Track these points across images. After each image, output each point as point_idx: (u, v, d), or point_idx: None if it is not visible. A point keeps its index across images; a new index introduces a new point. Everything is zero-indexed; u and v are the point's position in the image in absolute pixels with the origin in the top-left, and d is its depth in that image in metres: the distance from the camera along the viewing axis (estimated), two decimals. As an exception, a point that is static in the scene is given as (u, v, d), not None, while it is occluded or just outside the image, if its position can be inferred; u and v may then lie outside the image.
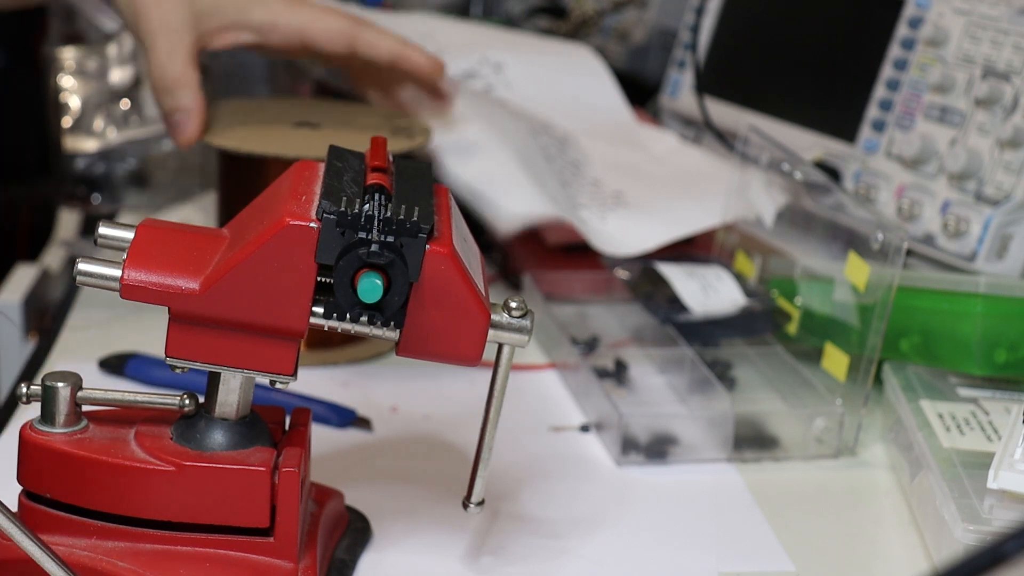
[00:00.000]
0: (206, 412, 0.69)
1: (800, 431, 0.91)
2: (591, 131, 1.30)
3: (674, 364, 0.98)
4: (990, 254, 1.02)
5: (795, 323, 1.00)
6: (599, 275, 1.11)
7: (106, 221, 0.69)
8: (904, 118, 1.11)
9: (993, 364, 0.91)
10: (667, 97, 1.38)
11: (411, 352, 0.66)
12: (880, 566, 0.80)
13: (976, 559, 0.43)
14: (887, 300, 0.89)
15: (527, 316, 0.67)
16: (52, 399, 0.68)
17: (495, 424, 0.70)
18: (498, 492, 0.83)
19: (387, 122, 1.06)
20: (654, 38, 1.53)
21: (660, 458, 0.89)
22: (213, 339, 0.65)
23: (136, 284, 0.64)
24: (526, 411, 0.95)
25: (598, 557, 0.78)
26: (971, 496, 0.77)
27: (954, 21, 1.09)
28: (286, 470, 0.68)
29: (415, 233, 0.63)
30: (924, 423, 0.86)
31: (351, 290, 0.63)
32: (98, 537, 0.68)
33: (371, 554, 0.77)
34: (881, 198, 1.11)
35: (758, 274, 1.07)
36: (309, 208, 0.64)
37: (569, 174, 1.20)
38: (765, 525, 0.83)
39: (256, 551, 0.68)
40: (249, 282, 0.64)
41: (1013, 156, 1.02)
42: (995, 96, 1.04)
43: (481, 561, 0.77)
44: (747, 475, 0.89)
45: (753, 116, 1.24)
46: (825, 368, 0.95)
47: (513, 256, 1.17)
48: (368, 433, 0.91)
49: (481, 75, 1.33)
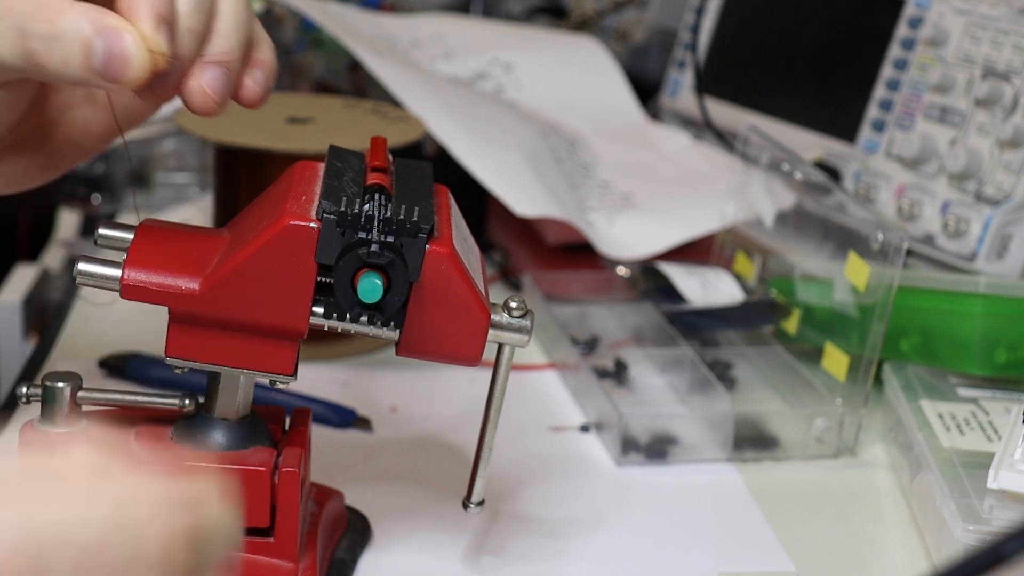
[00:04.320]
0: (206, 412, 0.69)
1: (800, 431, 0.91)
2: (601, 130, 1.30)
3: (674, 364, 0.98)
4: (990, 254, 1.02)
5: (795, 323, 1.00)
6: (599, 275, 1.11)
7: (106, 221, 0.69)
8: (904, 118, 1.11)
9: (993, 364, 0.91)
10: (667, 97, 1.38)
11: (411, 352, 0.66)
12: (880, 566, 0.80)
13: (976, 559, 0.43)
14: (887, 300, 0.89)
15: (527, 316, 0.67)
16: (52, 399, 0.68)
17: (495, 424, 0.70)
18: (498, 492, 0.83)
19: (381, 117, 1.06)
20: (654, 38, 1.53)
21: (660, 458, 0.89)
22: (213, 339, 0.65)
23: (136, 284, 0.64)
24: (526, 411, 0.95)
25: (598, 557, 0.78)
26: (971, 496, 0.77)
27: (954, 21, 1.09)
28: (286, 470, 0.68)
29: (415, 233, 0.63)
30: (924, 423, 0.86)
31: (351, 290, 0.63)
32: (98, 537, 0.68)
33: (371, 554, 0.77)
34: (881, 198, 1.11)
35: (758, 274, 1.07)
36: (309, 208, 0.64)
37: (579, 176, 1.20)
38: (765, 525, 0.83)
39: (256, 551, 0.68)
40: (249, 282, 0.64)
41: (1013, 156, 1.02)
42: (995, 96, 1.04)
43: (481, 561, 0.77)
44: (747, 475, 0.89)
45: (753, 116, 1.24)
46: (825, 368, 0.95)
47: (513, 256, 1.17)
48: (368, 433, 0.91)
49: (492, 76, 1.33)
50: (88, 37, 0.60)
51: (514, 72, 1.34)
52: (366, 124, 1.05)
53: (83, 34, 0.60)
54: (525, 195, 1.09)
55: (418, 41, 1.36)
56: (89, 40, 0.60)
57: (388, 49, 1.30)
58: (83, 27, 0.60)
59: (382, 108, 1.09)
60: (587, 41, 1.42)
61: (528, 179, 1.11)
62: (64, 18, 0.60)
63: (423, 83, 1.19)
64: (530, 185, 1.11)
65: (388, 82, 1.16)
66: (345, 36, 1.23)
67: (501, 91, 1.32)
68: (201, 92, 0.63)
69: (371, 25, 1.35)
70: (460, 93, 1.23)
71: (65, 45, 0.60)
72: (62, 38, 0.60)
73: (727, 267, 1.08)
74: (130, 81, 0.60)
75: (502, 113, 1.21)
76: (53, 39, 0.60)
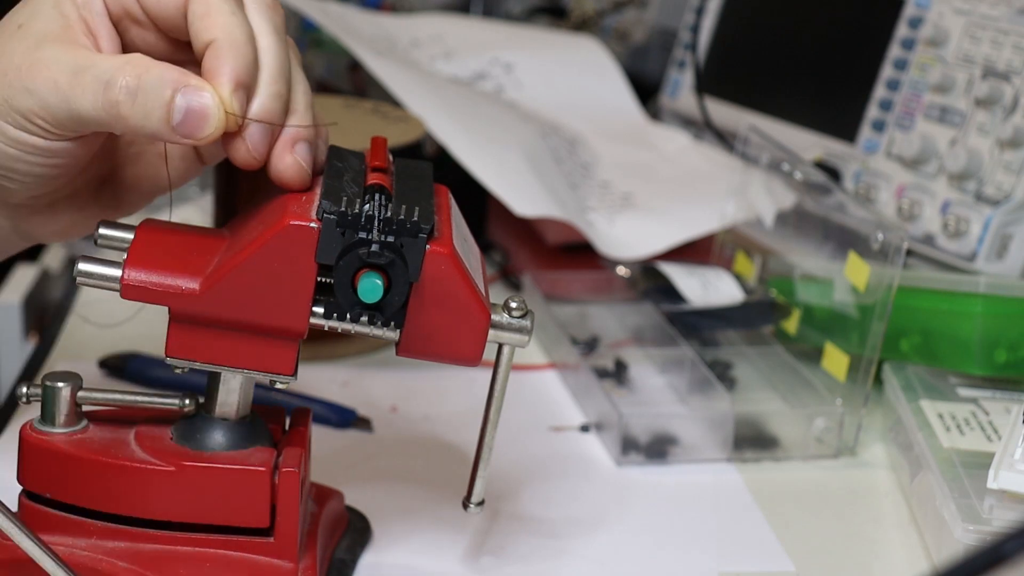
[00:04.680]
0: (206, 412, 0.69)
1: (800, 431, 0.91)
2: (601, 130, 1.30)
3: (674, 364, 0.98)
4: (990, 254, 1.02)
5: (795, 323, 1.00)
6: (599, 275, 1.11)
7: (106, 221, 0.69)
8: (904, 118, 1.11)
9: (993, 364, 0.91)
10: (667, 97, 1.38)
11: (411, 352, 0.66)
12: (880, 566, 0.80)
13: (976, 559, 0.43)
14: (887, 300, 0.89)
15: (527, 316, 0.67)
16: (52, 399, 0.68)
17: (495, 424, 0.70)
18: (498, 492, 0.83)
19: (381, 117, 1.06)
20: (654, 38, 1.53)
21: (660, 458, 0.89)
22: (213, 339, 0.65)
23: (136, 284, 0.64)
24: (526, 411, 0.95)
25: (598, 557, 0.78)
26: (971, 496, 0.77)
27: (954, 21, 1.09)
28: (286, 470, 0.68)
29: (415, 233, 0.63)
30: (924, 423, 0.86)
31: (351, 290, 0.63)
32: (98, 537, 0.68)
33: (371, 554, 0.77)
34: (881, 198, 1.11)
35: (758, 274, 1.07)
36: (309, 208, 0.64)
37: (579, 176, 1.20)
38: (765, 525, 0.83)
39: (256, 551, 0.68)
40: (249, 282, 0.64)
41: (1013, 156, 1.02)
42: (995, 96, 1.04)
43: (481, 561, 0.77)
44: (747, 475, 0.89)
45: (753, 116, 1.24)
46: (825, 368, 0.95)
47: (513, 256, 1.17)
48: (368, 433, 0.91)
49: (492, 76, 1.33)
50: (171, 93, 0.63)
51: (514, 72, 1.34)
52: (366, 124, 1.05)
53: (166, 90, 0.63)
54: (525, 195, 1.09)
55: (418, 41, 1.36)
56: (171, 96, 0.63)
57: (388, 49, 1.30)
58: (167, 83, 0.63)
59: (382, 108, 1.09)
60: (587, 41, 1.42)
61: (528, 179, 1.11)
62: (149, 74, 0.63)
63: (423, 83, 1.19)
64: (530, 185, 1.11)
65: (388, 82, 1.16)
66: (345, 36, 1.23)
67: (501, 91, 1.32)
68: (295, 165, 0.66)
69: (371, 25, 1.35)
70: (460, 93, 1.23)
71: (148, 99, 0.63)
72: (146, 92, 0.63)
73: (727, 267, 1.08)
74: (204, 138, 0.64)
75: (502, 113, 1.21)
76: (137, 93, 0.63)
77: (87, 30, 0.66)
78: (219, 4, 0.65)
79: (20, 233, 0.73)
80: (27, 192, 0.69)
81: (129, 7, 0.67)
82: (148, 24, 0.68)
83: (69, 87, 0.64)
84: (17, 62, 0.65)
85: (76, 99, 0.64)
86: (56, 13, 0.66)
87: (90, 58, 0.64)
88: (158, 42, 0.68)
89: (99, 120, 0.64)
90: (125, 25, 0.68)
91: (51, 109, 0.64)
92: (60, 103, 0.64)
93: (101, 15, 0.67)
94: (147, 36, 0.68)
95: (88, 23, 0.66)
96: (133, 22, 0.68)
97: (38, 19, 0.66)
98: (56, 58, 0.64)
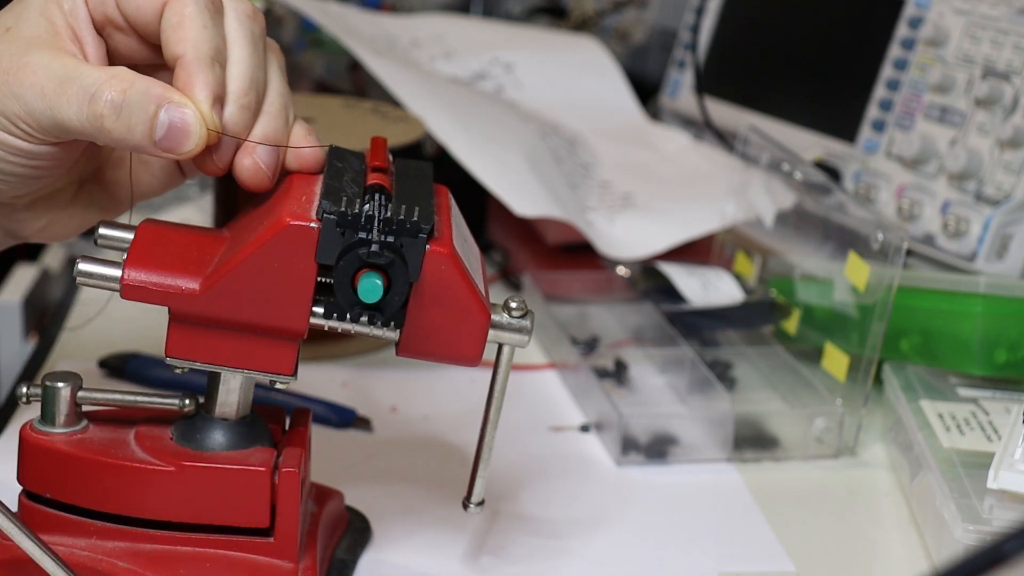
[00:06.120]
0: (206, 412, 0.69)
1: (800, 431, 0.91)
2: (601, 130, 1.30)
3: (674, 364, 0.98)
4: (990, 254, 1.02)
5: (795, 323, 1.00)
6: (599, 275, 1.11)
7: (106, 221, 0.69)
8: (904, 118, 1.11)
9: (993, 364, 0.91)
10: (667, 97, 1.38)
11: (411, 352, 0.66)
12: (880, 566, 0.80)
13: (976, 559, 0.43)
14: (887, 300, 0.89)
15: (527, 316, 0.67)
16: (52, 399, 0.68)
17: (495, 424, 0.70)
18: (498, 492, 0.83)
19: (381, 117, 1.06)
20: (654, 38, 1.53)
21: (660, 458, 0.89)
22: (213, 339, 0.65)
23: (136, 284, 0.64)
24: (526, 411, 0.95)
25: (598, 557, 0.78)
26: (971, 496, 0.77)
27: (954, 21, 1.09)
28: (286, 470, 0.68)
29: (415, 233, 0.63)
30: (924, 423, 0.86)
31: (351, 290, 0.63)
32: (98, 537, 0.68)
33: (371, 554, 0.77)
34: (881, 198, 1.11)
35: (758, 274, 1.07)
36: (309, 208, 0.64)
37: (579, 176, 1.20)
38: (765, 525, 0.83)
39: (256, 551, 0.68)
40: (249, 282, 0.64)
41: (1013, 156, 1.02)
42: (995, 96, 1.04)
43: (481, 561, 0.77)
44: (747, 475, 0.89)
45: (753, 116, 1.24)
46: (825, 368, 0.95)
47: (513, 256, 1.17)
48: (368, 433, 0.91)
49: (492, 76, 1.33)
50: (154, 109, 0.64)
51: (514, 72, 1.34)
52: (366, 124, 1.05)
53: (150, 105, 0.64)
54: (525, 195, 1.09)
55: (418, 41, 1.36)
56: (155, 111, 0.64)
57: (388, 49, 1.30)
58: (151, 99, 0.64)
59: (382, 108, 1.09)
60: (587, 41, 1.42)
61: (528, 179, 1.11)
62: (134, 89, 0.64)
63: (423, 83, 1.19)
64: (530, 185, 1.11)
65: (388, 82, 1.16)
66: (345, 36, 1.23)
67: (501, 91, 1.32)
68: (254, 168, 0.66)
69: (371, 25, 1.35)
70: (460, 93, 1.23)
71: (132, 114, 0.64)
72: (130, 107, 0.64)
73: (727, 267, 1.09)
74: (186, 153, 0.64)
75: (502, 113, 1.21)
76: (121, 108, 0.64)
77: (73, 36, 0.67)
78: (192, 15, 0.65)
79: (3, 230, 0.74)
80: (9, 192, 0.69)
81: (111, 14, 0.68)
82: (129, 31, 0.68)
83: (55, 95, 0.64)
84: (4, 66, 0.65)
85: (61, 108, 0.64)
86: (43, 19, 0.67)
87: (77, 68, 0.65)
88: (140, 48, 0.69)
89: (82, 131, 0.65)
90: (108, 32, 0.68)
91: (36, 115, 0.65)
92: (45, 110, 0.64)
93: (86, 22, 0.67)
94: (129, 42, 0.69)
95: (74, 30, 0.67)
96: (116, 29, 0.68)
97: (26, 24, 0.67)
98: (43, 64, 0.65)
